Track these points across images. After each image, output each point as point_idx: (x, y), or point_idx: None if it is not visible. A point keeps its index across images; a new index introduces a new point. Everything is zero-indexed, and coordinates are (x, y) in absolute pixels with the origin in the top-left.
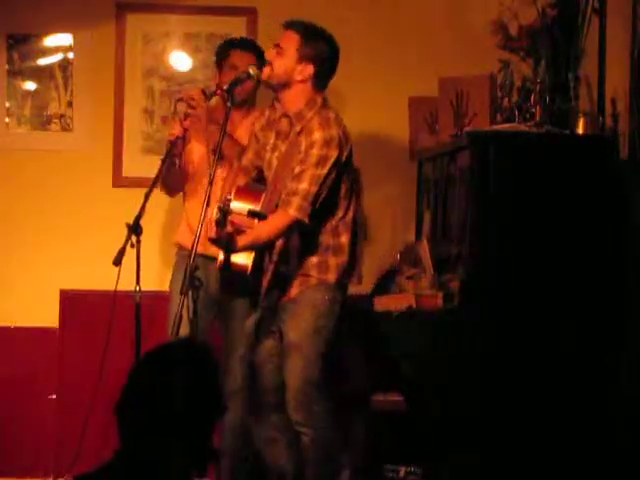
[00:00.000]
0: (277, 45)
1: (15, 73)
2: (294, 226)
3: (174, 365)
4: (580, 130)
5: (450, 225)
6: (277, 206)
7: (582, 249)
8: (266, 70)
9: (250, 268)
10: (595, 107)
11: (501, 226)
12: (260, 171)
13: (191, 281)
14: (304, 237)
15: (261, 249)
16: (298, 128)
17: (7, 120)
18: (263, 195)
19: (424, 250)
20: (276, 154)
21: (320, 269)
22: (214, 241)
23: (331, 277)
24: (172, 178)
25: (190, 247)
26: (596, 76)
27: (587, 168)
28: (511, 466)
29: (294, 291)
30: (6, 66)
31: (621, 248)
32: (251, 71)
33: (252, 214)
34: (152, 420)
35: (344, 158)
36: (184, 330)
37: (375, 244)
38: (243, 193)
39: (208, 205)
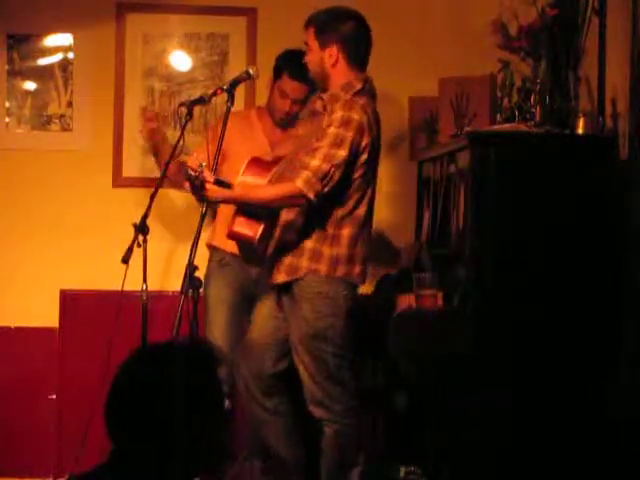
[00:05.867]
0: (306, 44)
1: (15, 73)
2: (297, 198)
3: (161, 363)
4: (580, 130)
5: (450, 225)
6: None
7: (582, 249)
8: (308, 73)
9: (257, 238)
10: (595, 107)
11: (501, 226)
12: None
13: (191, 281)
14: (310, 219)
15: (271, 221)
16: (329, 108)
17: (7, 120)
18: (274, 168)
19: (424, 250)
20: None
21: (312, 257)
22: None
23: (322, 268)
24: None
25: (227, 248)
26: (596, 76)
27: (587, 168)
28: (511, 466)
29: (281, 276)
30: (6, 66)
31: (621, 248)
32: (251, 71)
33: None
34: (142, 420)
35: (363, 144)
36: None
37: (375, 244)
38: (254, 165)
39: (206, 212)
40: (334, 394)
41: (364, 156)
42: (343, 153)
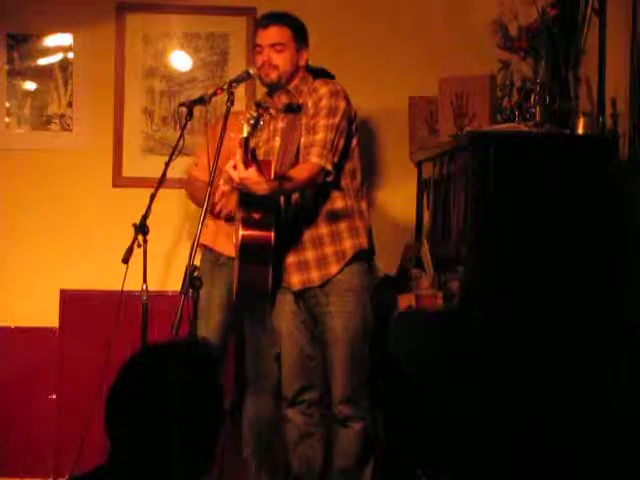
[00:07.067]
0: (274, 45)
1: (15, 73)
2: (320, 175)
3: (160, 364)
4: (580, 130)
5: (450, 225)
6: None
7: (582, 249)
8: (273, 74)
9: (273, 238)
10: (595, 107)
11: (501, 226)
12: None
13: (191, 281)
14: (331, 200)
15: (279, 220)
16: (300, 100)
17: (7, 120)
18: (273, 163)
19: (424, 250)
20: (280, 130)
21: (351, 233)
22: (238, 187)
23: (363, 241)
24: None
25: (217, 248)
26: (596, 76)
27: (587, 168)
28: (511, 466)
29: (333, 268)
30: (6, 66)
31: (621, 248)
32: (251, 71)
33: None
34: (141, 421)
35: (352, 114)
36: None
37: (375, 244)
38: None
39: (207, 209)
40: (360, 390)
41: (353, 126)
42: (339, 120)
